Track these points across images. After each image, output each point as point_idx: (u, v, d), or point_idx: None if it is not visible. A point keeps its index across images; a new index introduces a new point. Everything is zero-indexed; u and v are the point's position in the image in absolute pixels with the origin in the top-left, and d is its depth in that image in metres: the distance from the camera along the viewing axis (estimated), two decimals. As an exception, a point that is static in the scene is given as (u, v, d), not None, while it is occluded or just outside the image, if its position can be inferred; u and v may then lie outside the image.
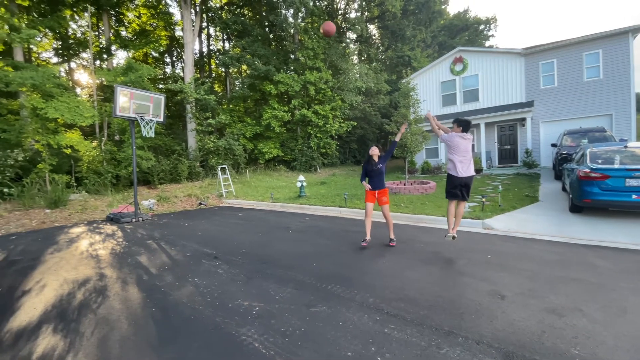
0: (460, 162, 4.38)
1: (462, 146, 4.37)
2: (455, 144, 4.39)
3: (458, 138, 4.40)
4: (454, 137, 4.44)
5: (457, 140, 4.39)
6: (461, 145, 4.37)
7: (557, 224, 5.85)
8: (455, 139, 4.41)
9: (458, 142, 4.38)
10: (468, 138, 4.42)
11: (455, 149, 4.40)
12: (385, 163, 5.07)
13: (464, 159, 4.38)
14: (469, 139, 4.42)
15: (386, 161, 5.09)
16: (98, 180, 13.52)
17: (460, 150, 4.37)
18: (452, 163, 4.46)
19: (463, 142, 4.38)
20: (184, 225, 7.78)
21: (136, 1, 23.03)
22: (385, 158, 5.08)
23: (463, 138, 4.39)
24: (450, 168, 4.49)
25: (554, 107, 14.47)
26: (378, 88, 23.51)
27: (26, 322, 3.02)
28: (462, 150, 4.37)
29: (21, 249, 5.97)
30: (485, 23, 36.04)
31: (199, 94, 17.74)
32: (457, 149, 4.38)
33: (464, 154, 4.38)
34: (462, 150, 4.37)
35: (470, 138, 4.43)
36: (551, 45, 14.34)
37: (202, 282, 3.83)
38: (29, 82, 11.13)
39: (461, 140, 4.38)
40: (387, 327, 2.63)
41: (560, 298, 3.06)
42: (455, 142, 4.40)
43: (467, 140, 4.40)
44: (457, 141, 4.39)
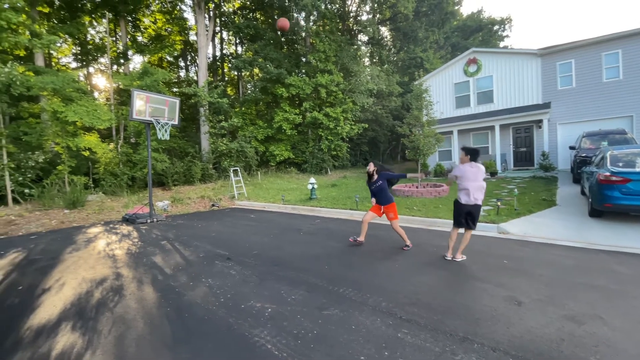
0: (464, 189, 4.29)
1: (469, 174, 4.27)
2: (462, 173, 4.32)
3: (467, 167, 4.32)
4: (461, 167, 4.38)
5: (465, 169, 4.32)
6: (468, 173, 4.28)
7: (576, 228, 5.68)
8: (461, 169, 4.36)
9: (465, 171, 4.31)
10: (477, 166, 4.30)
11: (462, 177, 4.31)
12: (384, 180, 4.93)
13: (470, 187, 4.26)
14: (477, 167, 4.29)
15: (386, 179, 4.94)
16: (114, 182, 13.87)
17: (468, 178, 4.27)
18: (459, 190, 4.39)
19: (471, 170, 4.28)
20: (197, 226, 7.89)
21: (152, 7, 23.60)
22: (384, 176, 4.94)
23: (471, 167, 4.30)
24: (458, 195, 4.41)
25: (572, 108, 14.09)
26: (390, 90, 23.40)
27: (46, 320, 3.11)
28: (469, 179, 4.26)
29: (41, 248, 6.16)
30: (499, 23, 35.47)
31: (212, 97, 18.02)
32: (464, 177, 4.29)
33: (471, 182, 4.25)
34: (469, 179, 4.26)
35: (479, 166, 4.30)
36: (569, 46, 13.99)
37: (215, 283, 3.87)
38: (50, 86, 11.52)
39: (469, 169, 4.30)
40: (400, 332, 2.60)
41: (579, 305, 2.97)
42: (462, 170, 4.34)
43: (475, 168, 4.29)
44: (464, 169, 4.32)
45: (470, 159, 4.34)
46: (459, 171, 4.36)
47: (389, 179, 5.01)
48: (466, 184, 4.27)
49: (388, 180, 5.01)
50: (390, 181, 5.07)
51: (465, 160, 4.37)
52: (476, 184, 4.26)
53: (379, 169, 5.04)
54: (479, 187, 4.26)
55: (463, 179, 4.30)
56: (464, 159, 4.38)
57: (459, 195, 4.39)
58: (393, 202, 4.98)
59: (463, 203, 4.32)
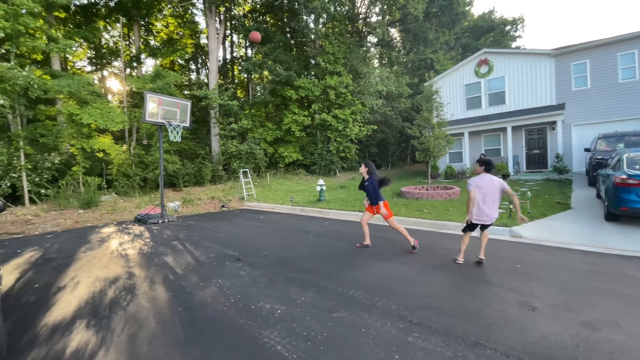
0: (479, 204, 4.13)
1: (486, 187, 4.11)
2: (479, 185, 4.17)
3: (485, 178, 4.17)
4: (477, 180, 4.22)
5: (483, 181, 4.15)
6: (485, 185, 4.13)
7: (591, 232, 5.54)
8: (478, 181, 4.19)
9: (481, 183, 4.15)
10: (493, 178, 4.14)
11: (479, 191, 4.14)
12: (370, 183, 5.05)
13: (486, 202, 4.11)
14: (493, 179, 4.13)
15: (371, 183, 5.04)
16: (127, 183, 14.13)
17: (486, 192, 4.11)
18: (476, 207, 4.20)
19: (490, 181, 4.13)
20: (207, 227, 7.97)
21: (164, 11, 24.05)
22: (370, 180, 5.05)
23: (489, 179, 4.15)
24: (473, 210, 4.22)
25: (587, 109, 13.78)
26: (399, 91, 23.26)
27: (61, 317, 3.18)
28: (486, 193, 4.11)
29: (57, 247, 6.32)
30: (511, 24, 34.92)
31: (223, 99, 18.23)
32: (480, 190, 4.13)
33: (488, 195, 4.10)
34: (486, 193, 4.11)
35: (495, 178, 4.14)
36: (583, 46, 13.70)
37: (225, 284, 3.90)
38: (66, 89, 11.84)
39: (487, 180, 4.15)
40: (410, 336, 2.58)
41: (595, 311, 2.90)
42: (478, 182, 4.18)
43: (490, 178, 4.14)
44: (481, 182, 4.16)
45: (484, 170, 4.24)
46: (474, 184, 4.20)
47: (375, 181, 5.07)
48: (482, 198, 4.11)
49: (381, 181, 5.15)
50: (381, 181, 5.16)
51: (479, 171, 4.28)
52: (493, 197, 4.10)
53: (369, 171, 5.14)
54: (492, 202, 4.12)
55: (482, 191, 4.13)
56: (479, 170, 4.29)
57: (473, 211, 4.19)
58: (383, 201, 5.02)
59: (475, 222, 4.25)
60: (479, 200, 4.14)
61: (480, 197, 4.13)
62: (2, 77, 9.76)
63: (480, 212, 4.14)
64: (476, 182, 4.19)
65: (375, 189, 5.03)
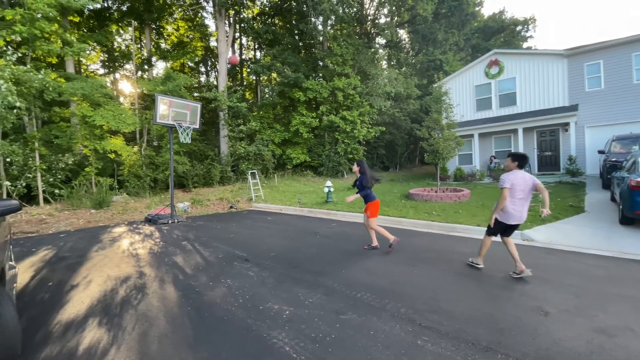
0: (512, 203, 3.81)
1: (520, 184, 3.78)
2: (513, 182, 3.80)
3: (518, 175, 3.82)
4: (510, 177, 3.84)
5: (517, 178, 3.81)
6: (519, 183, 3.78)
7: (606, 236, 5.41)
8: (511, 178, 3.83)
9: (516, 179, 3.80)
10: (527, 175, 3.82)
11: (513, 189, 3.79)
12: (360, 182, 5.16)
13: (519, 201, 3.79)
14: (527, 176, 3.81)
15: (360, 182, 5.15)
16: (138, 183, 14.35)
17: (519, 189, 3.78)
18: (505, 203, 3.86)
19: (523, 178, 3.80)
20: (216, 227, 8.04)
21: (175, 15, 24.42)
22: (360, 179, 5.17)
23: (522, 176, 3.82)
24: (505, 209, 3.88)
25: (601, 111, 13.49)
26: (408, 93, 23.14)
27: (74, 315, 3.24)
28: (520, 190, 3.78)
29: (70, 246, 6.44)
30: (522, 24, 34.46)
31: (232, 101, 18.39)
32: (514, 188, 3.78)
33: (521, 194, 3.78)
34: (520, 190, 3.78)
35: (529, 175, 3.82)
36: (597, 46, 13.44)
37: (234, 284, 3.93)
38: (80, 92, 12.10)
39: (520, 176, 3.80)
40: (420, 339, 2.55)
41: (610, 317, 2.83)
42: (512, 180, 3.81)
43: (524, 175, 3.81)
44: (514, 179, 3.81)
45: (518, 167, 3.86)
46: (509, 181, 3.81)
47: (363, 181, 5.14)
48: (515, 197, 3.78)
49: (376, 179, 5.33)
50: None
51: (512, 167, 3.90)
52: (525, 197, 3.79)
53: (361, 170, 5.19)
54: (527, 200, 3.81)
55: (513, 190, 3.79)
56: (511, 165, 3.91)
57: (505, 211, 3.85)
58: (372, 200, 5.13)
59: (508, 223, 3.88)
60: (511, 199, 3.80)
61: (513, 197, 3.80)
62: (19, 80, 10.02)
63: (511, 212, 3.83)
64: (510, 179, 3.81)
65: (365, 190, 5.12)
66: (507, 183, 3.81)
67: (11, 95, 9.21)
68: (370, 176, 5.16)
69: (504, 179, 3.86)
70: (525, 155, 3.93)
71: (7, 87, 9.13)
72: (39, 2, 10.84)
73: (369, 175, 5.15)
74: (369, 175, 5.13)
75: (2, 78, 9.15)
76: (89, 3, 13.11)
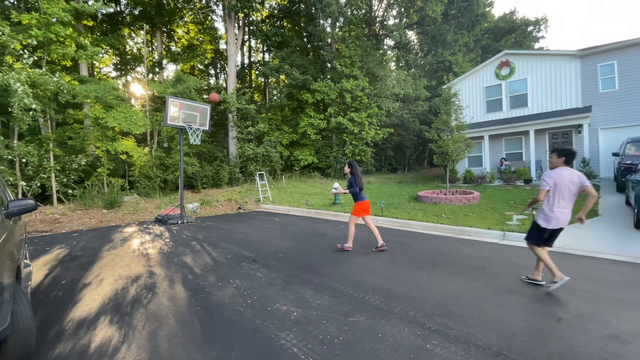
0: (557, 204, 3.41)
1: (565, 182, 3.37)
2: (557, 180, 3.39)
3: (563, 172, 3.39)
4: (554, 174, 3.43)
5: (562, 175, 3.39)
6: (564, 180, 3.37)
7: (620, 241, 5.28)
8: (555, 175, 3.42)
9: (561, 177, 3.39)
10: (574, 172, 3.39)
11: (558, 187, 3.39)
12: (350, 182, 5.37)
13: (565, 201, 3.39)
14: (573, 173, 3.38)
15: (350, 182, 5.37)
16: (148, 184, 14.56)
17: (564, 187, 3.37)
18: (548, 204, 3.45)
19: (569, 176, 3.38)
20: (224, 228, 8.10)
21: (185, 18, 24.78)
22: (350, 180, 5.38)
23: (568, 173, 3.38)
24: (545, 211, 3.48)
25: (615, 112, 13.19)
26: (417, 94, 23.02)
27: (86, 313, 3.31)
28: (562, 192, 3.38)
29: (82, 245, 6.57)
30: (534, 24, 33.95)
31: (240, 103, 18.56)
32: (560, 186, 3.38)
33: (564, 195, 3.39)
34: (562, 192, 3.38)
35: (577, 173, 3.39)
36: (611, 46, 13.16)
37: (242, 284, 3.95)
38: (93, 94, 12.35)
39: (566, 174, 3.39)
40: (429, 343, 2.52)
41: (624, 323, 2.76)
42: (556, 177, 3.40)
43: (570, 173, 3.37)
44: (559, 176, 3.39)
45: (564, 163, 3.43)
46: (551, 180, 3.40)
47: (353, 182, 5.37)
48: (557, 198, 3.38)
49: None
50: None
51: (558, 164, 3.47)
52: (570, 197, 3.40)
53: (352, 171, 5.38)
54: (572, 202, 3.41)
55: (558, 188, 3.38)
56: (557, 161, 3.48)
57: (547, 214, 3.46)
58: (358, 201, 5.37)
59: (550, 228, 3.44)
60: (553, 200, 3.41)
61: (556, 197, 3.39)
62: (35, 82, 10.29)
63: (551, 215, 3.43)
64: (553, 178, 3.39)
65: (354, 188, 5.29)
66: (548, 184, 3.40)
67: (27, 98, 9.47)
68: (360, 178, 5.36)
69: (545, 178, 3.46)
70: (573, 150, 3.48)
71: (23, 90, 9.38)
72: (54, 6, 11.13)
73: (359, 176, 5.36)
74: (359, 177, 5.34)
75: (18, 81, 9.41)
76: (102, 7, 13.39)
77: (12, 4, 14.10)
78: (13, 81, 9.30)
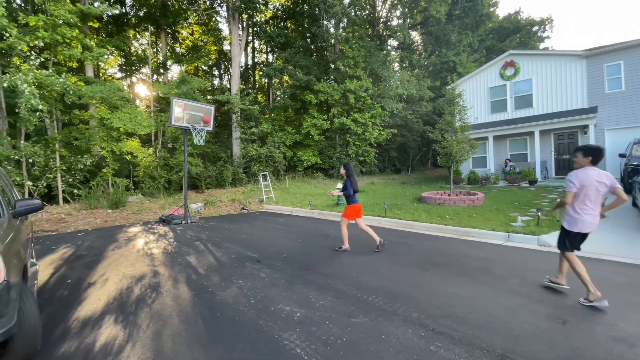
0: (585, 206, 3.19)
1: (593, 183, 3.14)
2: (585, 182, 3.16)
3: (591, 172, 3.17)
4: (581, 174, 3.21)
5: (589, 176, 3.16)
6: (592, 182, 3.14)
7: (627, 243, 5.22)
8: (581, 176, 3.19)
9: (588, 178, 3.16)
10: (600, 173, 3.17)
11: (585, 189, 3.17)
12: (345, 184, 5.39)
13: (594, 204, 3.18)
14: (601, 174, 3.16)
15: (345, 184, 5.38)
16: (152, 184, 14.64)
17: (592, 189, 3.15)
18: (575, 207, 3.24)
19: (597, 177, 3.15)
20: (228, 228, 8.13)
21: (190, 19, 24.92)
22: (345, 182, 5.39)
23: (596, 173, 3.17)
24: (572, 215, 3.27)
25: (622, 113, 13.06)
26: (420, 95, 22.96)
27: (91, 312, 3.33)
28: (589, 193, 3.17)
29: (87, 245, 6.62)
30: (539, 24, 33.75)
31: (244, 104, 18.62)
32: (588, 187, 3.16)
33: (591, 196, 3.17)
34: (589, 193, 3.17)
35: (605, 174, 3.16)
36: (617, 46, 13.03)
37: (245, 285, 3.96)
38: (98, 95, 12.46)
39: (593, 175, 3.15)
40: (433, 345, 2.51)
41: (630, 326, 2.73)
42: (583, 179, 3.18)
43: (598, 174, 3.15)
44: (586, 177, 3.17)
45: (591, 163, 3.21)
46: (578, 181, 3.18)
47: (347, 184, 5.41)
48: (584, 200, 3.18)
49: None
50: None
51: (584, 163, 3.25)
52: (598, 199, 3.17)
53: (347, 173, 5.40)
54: (599, 203, 3.20)
55: (584, 189, 3.17)
56: (583, 161, 3.26)
57: (572, 216, 3.25)
58: (350, 203, 5.40)
59: (577, 231, 3.24)
60: (579, 202, 3.21)
61: (582, 199, 3.19)
62: (41, 83, 10.40)
63: (578, 218, 3.22)
64: (580, 178, 3.17)
65: (348, 190, 5.30)
66: (574, 185, 3.19)
67: (34, 99, 9.57)
68: (354, 181, 5.37)
69: (571, 179, 3.23)
70: (600, 148, 3.26)
71: (30, 91, 9.49)
72: (60, 8, 11.25)
73: (354, 178, 5.39)
74: (353, 179, 5.37)
75: (25, 82, 9.52)
76: (108, 9, 13.51)
77: (19, 6, 14.27)
78: (20, 82, 9.40)
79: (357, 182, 5.43)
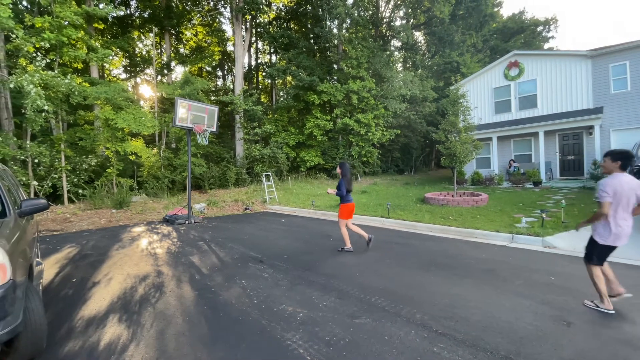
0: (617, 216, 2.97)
1: (626, 190, 2.92)
2: (618, 189, 2.93)
3: (623, 178, 2.95)
4: (612, 181, 2.97)
5: (621, 182, 2.94)
6: (624, 189, 2.92)
7: (634, 245, 5.14)
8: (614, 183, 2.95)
9: (621, 185, 2.94)
10: (631, 179, 2.96)
11: (617, 197, 2.94)
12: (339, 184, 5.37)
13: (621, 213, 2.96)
14: (632, 180, 2.95)
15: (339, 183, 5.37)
16: (156, 185, 14.72)
17: (624, 196, 2.93)
18: (610, 221, 2.99)
19: (628, 184, 2.94)
20: (231, 228, 8.15)
21: (194, 20, 25.05)
22: (340, 182, 5.39)
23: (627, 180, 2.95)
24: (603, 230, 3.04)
25: (627, 113, 12.94)
26: (424, 95, 22.88)
27: (95, 311, 3.36)
28: (621, 202, 2.94)
29: (92, 244, 6.67)
30: (544, 24, 33.53)
31: (247, 105, 18.67)
32: (620, 195, 2.93)
33: (624, 205, 2.95)
34: (621, 202, 2.94)
35: (636, 180, 2.96)
36: (623, 46, 12.91)
37: (248, 285, 3.97)
38: (103, 96, 12.56)
39: (625, 181, 2.94)
40: (436, 346, 2.50)
41: (636, 328, 2.72)
42: (616, 186, 2.94)
43: (629, 180, 2.94)
44: (619, 184, 2.94)
45: (620, 168, 3.00)
46: (611, 189, 2.93)
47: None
48: (617, 209, 2.95)
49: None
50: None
51: (613, 169, 3.04)
52: (630, 207, 2.96)
53: (343, 172, 5.46)
54: (630, 210, 2.98)
55: (617, 198, 2.93)
56: (611, 166, 3.05)
57: (610, 228, 2.98)
58: (344, 203, 5.43)
59: (616, 245, 3.00)
60: (614, 212, 2.96)
61: (616, 208, 2.95)
62: (47, 84, 10.50)
63: (621, 230, 2.97)
64: (613, 186, 2.94)
65: (342, 190, 5.32)
66: (608, 195, 2.92)
67: (40, 99, 9.67)
68: (348, 181, 5.40)
69: (603, 188, 2.96)
70: (629, 152, 3.06)
71: (36, 92, 9.59)
72: (66, 10, 11.35)
73: (348, 178, 5.41)
74: (347, 179, 5.39)
75: (31, 83, 9.61)
76: (112, 10, 13.61)
77: (25, 7, 14.42)
78: (26, 83, 9.51)
79: (351, 182, 5.48)
